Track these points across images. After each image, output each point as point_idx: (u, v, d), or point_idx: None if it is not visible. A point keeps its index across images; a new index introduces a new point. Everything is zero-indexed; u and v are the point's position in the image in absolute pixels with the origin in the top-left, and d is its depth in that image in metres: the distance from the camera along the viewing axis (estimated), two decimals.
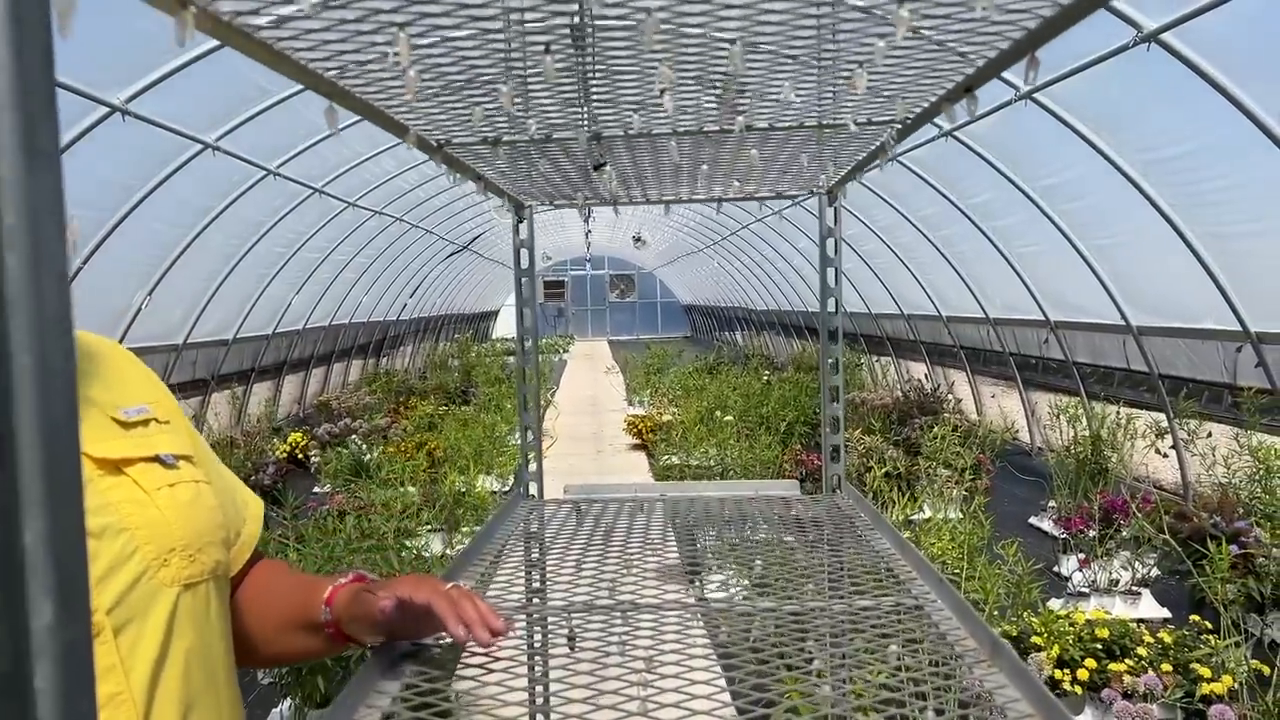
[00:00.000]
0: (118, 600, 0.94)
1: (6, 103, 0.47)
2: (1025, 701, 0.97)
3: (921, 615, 1.25)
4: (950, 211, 9.13)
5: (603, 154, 1.36)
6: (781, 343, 21.43)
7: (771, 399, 9.14)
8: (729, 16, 0.79)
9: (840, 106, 1.18)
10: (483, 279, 29.69)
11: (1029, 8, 0.76)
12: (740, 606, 1.30)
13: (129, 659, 0.94)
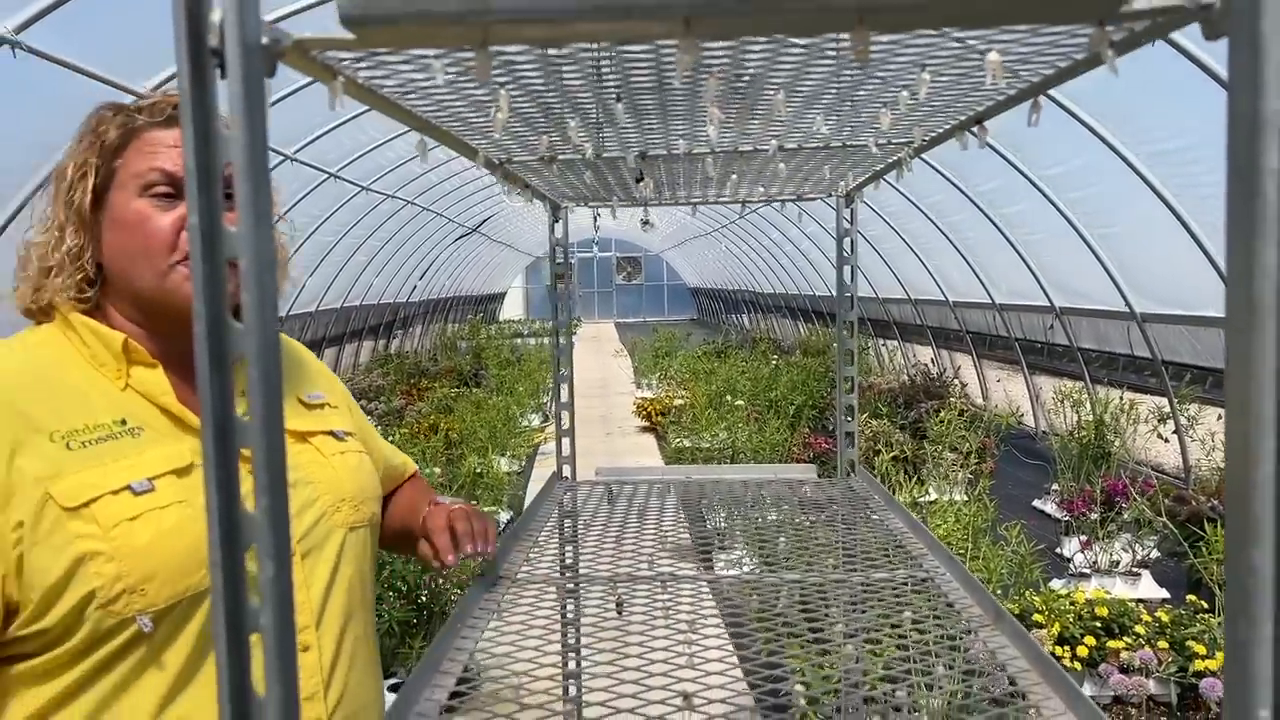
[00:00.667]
0: (304, 534, 1.23)
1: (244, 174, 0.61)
2: (1024, 659, 1.12)
3: (931, 587, 1.40)
4: (958, 199, 9.24)
5: (644, 169, 1.50)
6: (789, 326, 21.55)
7: (780, 383, 9.28)
8: (779, 68, 0.92)
9: (863, 132, 1.32)
10: (490, 261, 29.83)
11: (1036, 65, 0.90)
12: (769, 577, 1.45)
13: (309, 578, 1.22)
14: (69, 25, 4.86)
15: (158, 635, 1.10)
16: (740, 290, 26.99)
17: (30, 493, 1.07)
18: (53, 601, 1.07)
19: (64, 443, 1.10)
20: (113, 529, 1.08)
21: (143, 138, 1.19)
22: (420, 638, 4.21)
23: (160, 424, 1.18)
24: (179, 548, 1.10)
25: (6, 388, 1.13)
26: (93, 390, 1.16)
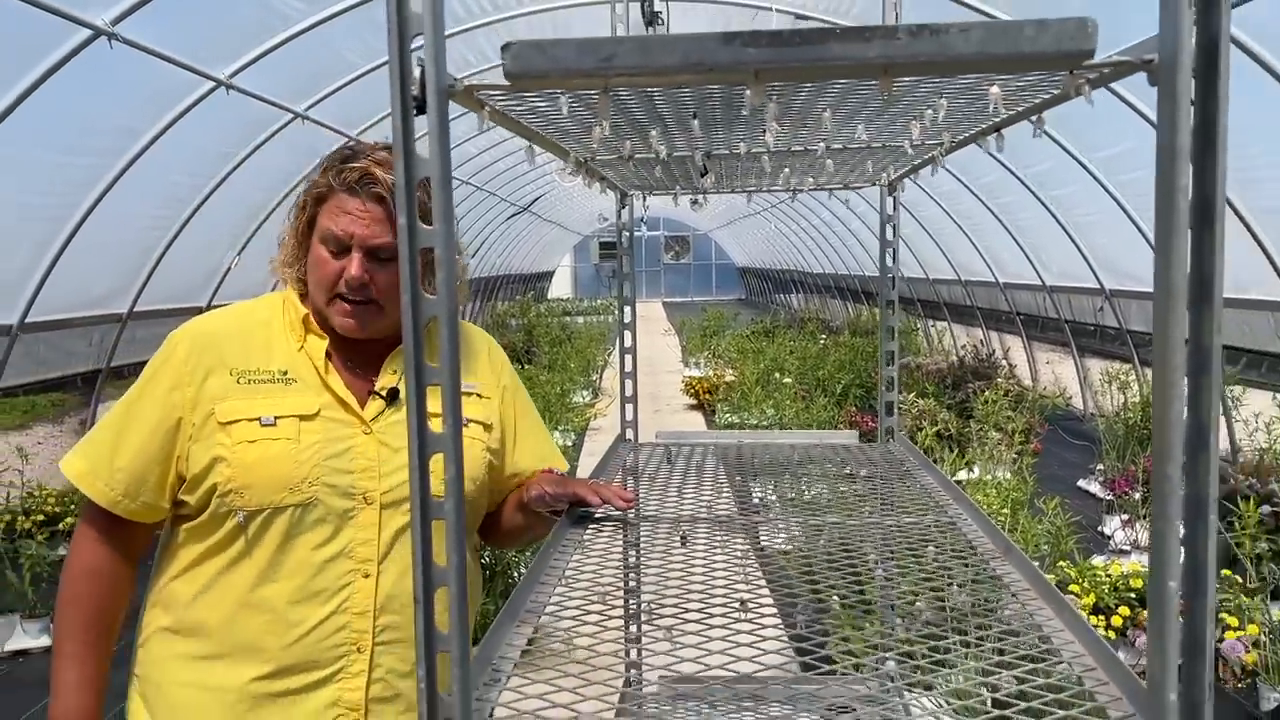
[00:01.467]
0: (389, 489, 1.54)
1: (438, 182, 0.86)
2: (1026, 581, 1.34)
3: (954, 529, 1.62)
4: (1010, 180, 9.31)
5: (709, 165, 1.73)
6: (838, 306, 21.61)
7: (828, 362, 9.46)
8: (826, 95, 1.15)
9: (898, 136, 1.54)
10: (540, 240, 30.16)
11: (1032, 93, 1.12)
12: (813, 520, 1.68)
13: (384, 525, 1.53)
14: (157, 16, 5.17)
15: (249, 532, 1.50)
16: (789, 270, 27.04)
17: (206, 406, 1.53)
18: (197, 484, 1.52)
19: (236, 378, 1.54)
20: (236, 445, 1.50)
21: (334, 199, 1.56)
22: (485, 594, 4.50)
23: (312, 380, 1.56)
24: (272, 471, 1.49)
25: (217, 333, 1.59)
26: (277, 345, 1.58)
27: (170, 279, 7.66)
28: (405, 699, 1.58)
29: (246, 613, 1.50)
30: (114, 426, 1.55)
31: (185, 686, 1.52)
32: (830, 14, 7.37)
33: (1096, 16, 0.87)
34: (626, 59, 0.87)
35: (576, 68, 0.87)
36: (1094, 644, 1.12)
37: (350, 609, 1.51)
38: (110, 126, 5.97)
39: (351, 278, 1.53)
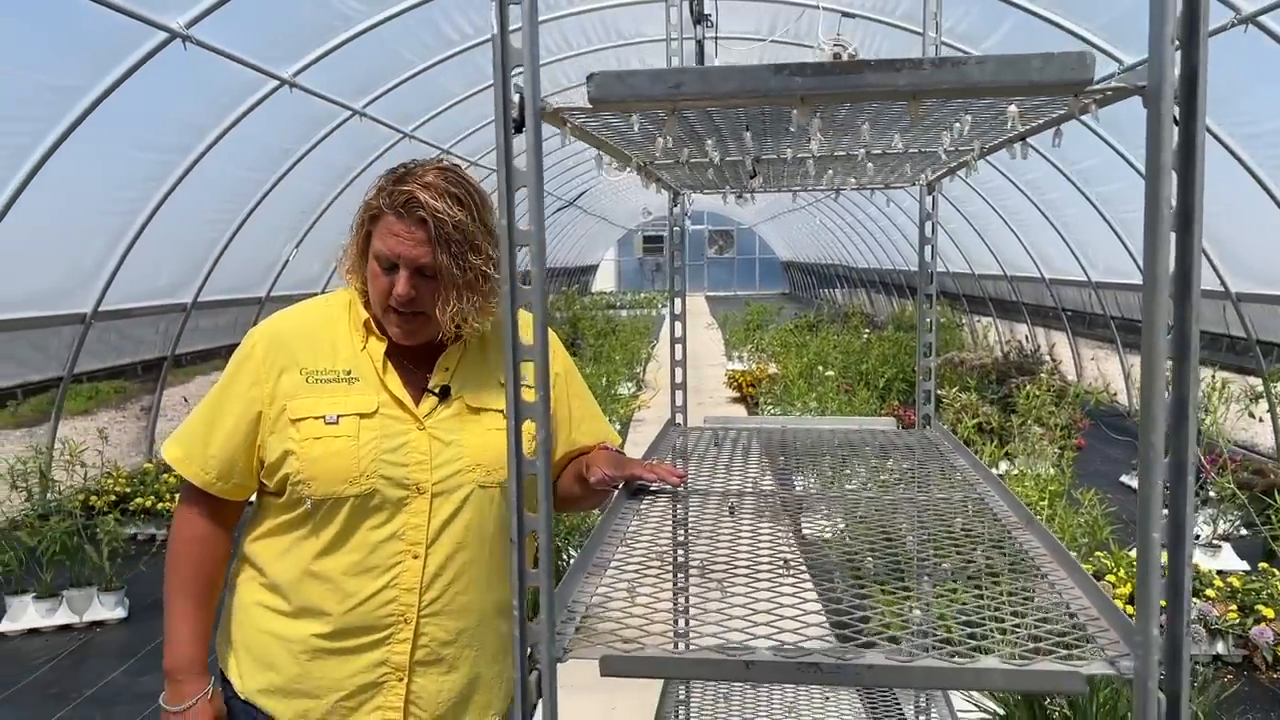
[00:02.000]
0: (440, 480, 1.72)
1: (532, 191, 1.03)
2: (1043, 548, 1.49)
3: (982, 504, 1.76)
4: (1055, 176, 9.32)
5: (758, 168, 1.89)
6: (882, 301, 21.58)
7: (871, 356, 9.54)
8: (864, 110, 1.30)
9: (933, 143, 1.68)
10: (585, 234, 30.40)
11: (1046, 111, 1.26)
12: (851, 495, 1.83)
13: (434, 513, 1.71)
14: (227, 18, 5.40)
15: (315, 517, 1.70)
16: (833, 264, 27.02)
17: (280, 402, 1.71)
18: (273, 472, 1.71)
19: (305, 377, 1.72)
20: (303, 440, 1.68)
21: (384, 220, 1.71)
22: None
23: (372, 379, 1.74)
24: (334, 465, 1.68)
25: (288, 333, 1.77)
26: (342, 346, 1.76)
27: (232, 271, 7.95)
28: (446, 663, 1.75)
29: (310, 580, 1.70)
30: (204, 418, 1.75)
31: (261, 632, 1.75)
32: (877, 12, 7.47)
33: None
34: (691, 86, 1.03)
35: (649, 94, 1.04)
36: (1100, 600, 1.26)
37: (399, 585, 1.70)
38: (179, 124, 6.24)
39: (400, 295, 1.68)
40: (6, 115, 4.91)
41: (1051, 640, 1.16)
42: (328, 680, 1.71)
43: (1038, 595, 1.30)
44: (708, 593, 1.36)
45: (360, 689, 1.72)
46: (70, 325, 6.62)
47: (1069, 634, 1.18)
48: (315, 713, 1.72)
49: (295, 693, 1.72)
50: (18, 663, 4.75)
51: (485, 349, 1.84)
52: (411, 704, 1.73)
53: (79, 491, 5.87)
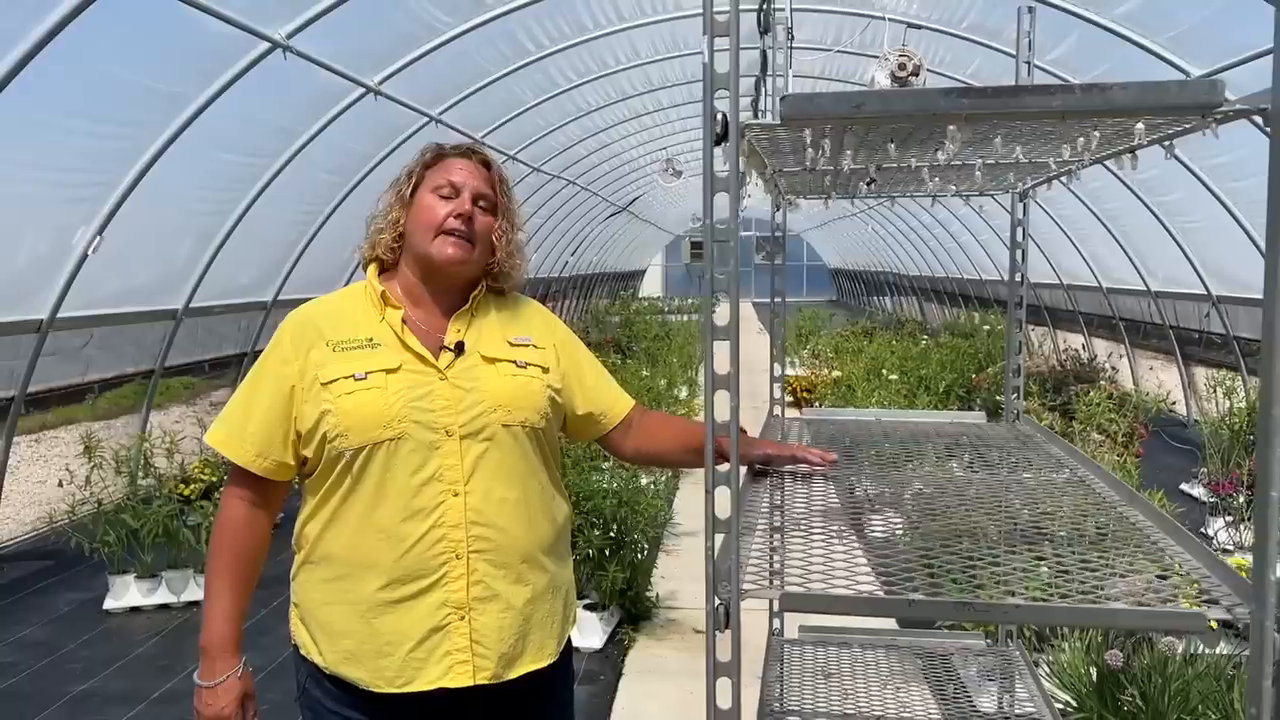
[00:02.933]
0: (466, 423, 1.89)
1: (734, 192, 1.21)
2: (1149, 520, 1.64)
3: (1083, 484, 1.92)
4: (1115, 186, 9.36)
5: (878, 175, 2.06)
6: (933, 309, 21.56)
7: (931, 361, 9.63)
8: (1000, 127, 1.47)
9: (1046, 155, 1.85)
10: (634, 239, 30.63)
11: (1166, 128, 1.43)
12: (961, 476, 2.00)
13: (465, 453, 1.88)
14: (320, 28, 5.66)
15: (355, 467, 1.83)
16: (883, 272, 26.99)
17: (311, 373, 1.87)
18: (311, 437, 1.86)
19: (332, 347, 1.90)
20: (337, 398, 1.84)
21: (443, 163, 1.96)
22: (614, 563, 4.88)
23: (393, 343, 1.91)
24: (367, 413, 1.81)
25: (312, 315, 1.95)
26: (363, 319, 1.94)
27: (309, 270, 8.24)
28: (503, 599, 1.87)
29: (362, 535, 1.83)
30: (241, 401, 1.93)
31: (325, 605, 1.89)
32: (942, 24, 7.59)
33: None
34: (871, 106, 1.21)
35: (834, 112, 1.22)
36: (1210, 560, 1.42)
37: (445, 522, 1.83)
38: (270, 129, 6.53)
39: (465, 209, 1.88)
40: (119, 119, 5.20)
41: (1166, 593, 1.32)
42: (395, 633, 1.83)
43: (1151, 558, 1.46)
44: (852, 553, 1.54)
45: (427, 634, 1.82)
46: (162, 321, 6.94)
47: (1183, 588, 1.34)
48: (390, 669, 1.83)
49: (368, 653, 1.84)
50: (124, 637, 5.03)
51: (489, 312, 2.01)
52: (476, 644, 1.85)
53: (175, 479, 6.16)
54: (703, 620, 5.16)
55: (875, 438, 2.53)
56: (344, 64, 6.16)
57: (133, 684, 4.44)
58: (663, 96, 11.30)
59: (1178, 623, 1.18)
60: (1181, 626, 1.18)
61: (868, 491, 1.87)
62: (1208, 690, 3.59)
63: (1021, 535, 1.59)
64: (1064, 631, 4.21)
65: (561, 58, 8.17)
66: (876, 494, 1.89)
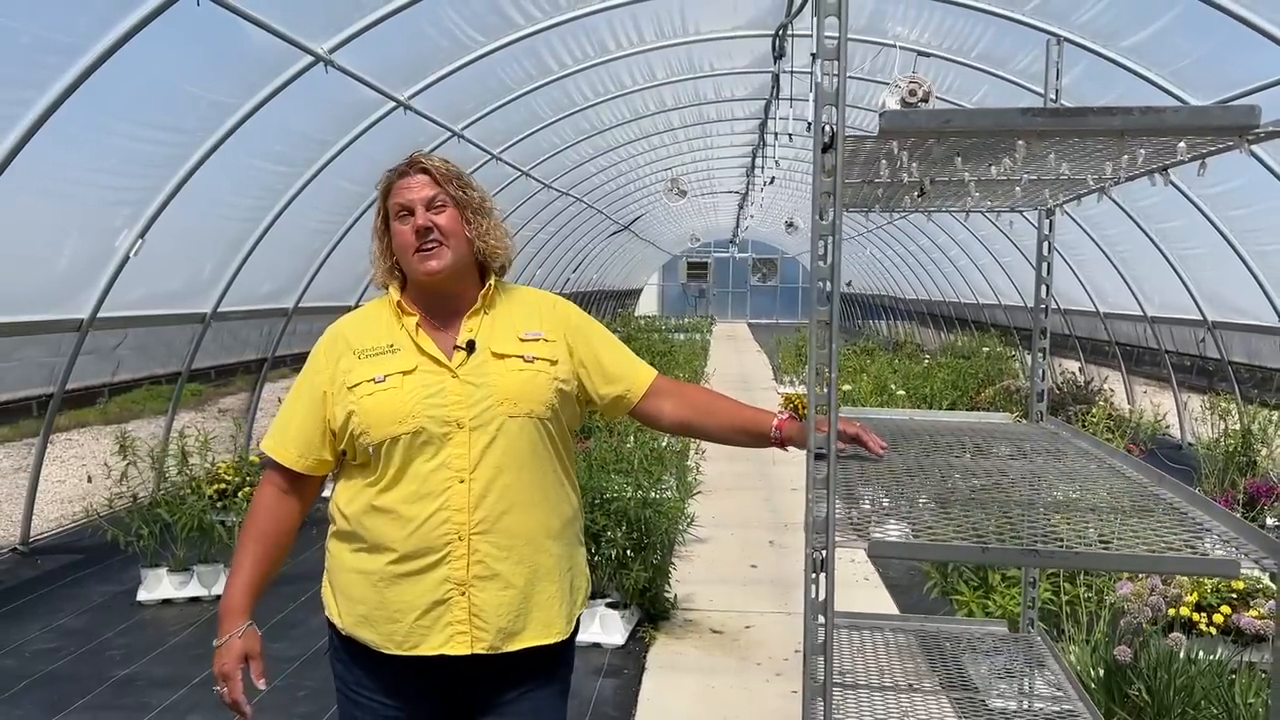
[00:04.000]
0: (474, 416, 2.07)
1: (838, 194, 1.42)
2: (1181, 499, 1.84)
3: (1114, 470, 2.12)
4: (1115, 212, 9.61)
5: (926, 189, 2.27)
6: (929, 333, 21.84)
7: (936, 380, 9.86)
8: (1055, 142, 1.67)
9: (1085, 171, 2.05)
10: (633, 258, 30.91)
11: (1200, 146, 1.63)
12: (998, 463, 2.20)
13: (473, 443, 2.07)
14: (357, 44, 5.87)
15: (376, 460, 2.04)
16: (880, 295, 27.28)
17: (340, 379, 2.09)
18: (343, 434, 2.08)
19: (357, 355, 2.12)
20: (360, 399, 2.04)
21: (395, 186, 2.13)
22: (637, 563, 5.05)
23: (409, 346, 2.12)
24: (385, 411, 2.02)
25: (342, 328, 2.17)
26: (383, 328, 2.15)
27: (329, 279, 8.43)
28: (503, 579, 2.05)
29: (376, 514, 2.05)
30: (284, 412, 2.17)
31: (347, 571, 2.13)
32: (952, 52, 7.85)
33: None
34: (958, 123, 1.41)
35: (925, 127, 1.42)
36: (1239, 526, 1.61)
37: (450, 506, 2.02)
38: (304, 139, 6.74)
39: (419, 225, 2.03)
40: (168, 125, 5.41)
41: (1205, 553, 1.52)
42: (403, 603, 2.04)
43: (1184, 525, 1.66)
44: (919, 515, 1.73)
45: (431, 606, 2.03)
46: (191, 324, 7.11)
47: (1219, 547, 1.54)
48: (399, 634, 2.05)
49: (379, 619, 2.07)
50: (159, 627, 5.19)
51: (501, 309, 2.19)
52: (475, 616, 2.04)
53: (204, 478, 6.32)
54: (719, 621, 5.37)
55: (913, 432, 2.72)
56: (377, 78, 6.37)
57: (173, 669, 4.60)
58: (674, 117, 11.55)
59: (1216, 569, 1.37)
60: (1219, 572, 1.37)
61: (923, 467, 2.07)
62: (1210, 687, 3.79)
63: (1067, 506, 1.79)
64: (1072, 632, 4.41)
65: (581, 77, 8.41)
66: (927, 473, 2.09)
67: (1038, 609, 3.00)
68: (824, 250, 1.45)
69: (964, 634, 2.97)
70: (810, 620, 1.50)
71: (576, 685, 4.46)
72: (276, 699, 4.27)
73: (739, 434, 2.29)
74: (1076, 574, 5.04)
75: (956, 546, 1.51)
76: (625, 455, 5.59)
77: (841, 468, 2.14)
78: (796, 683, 4.28)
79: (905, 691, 2.60)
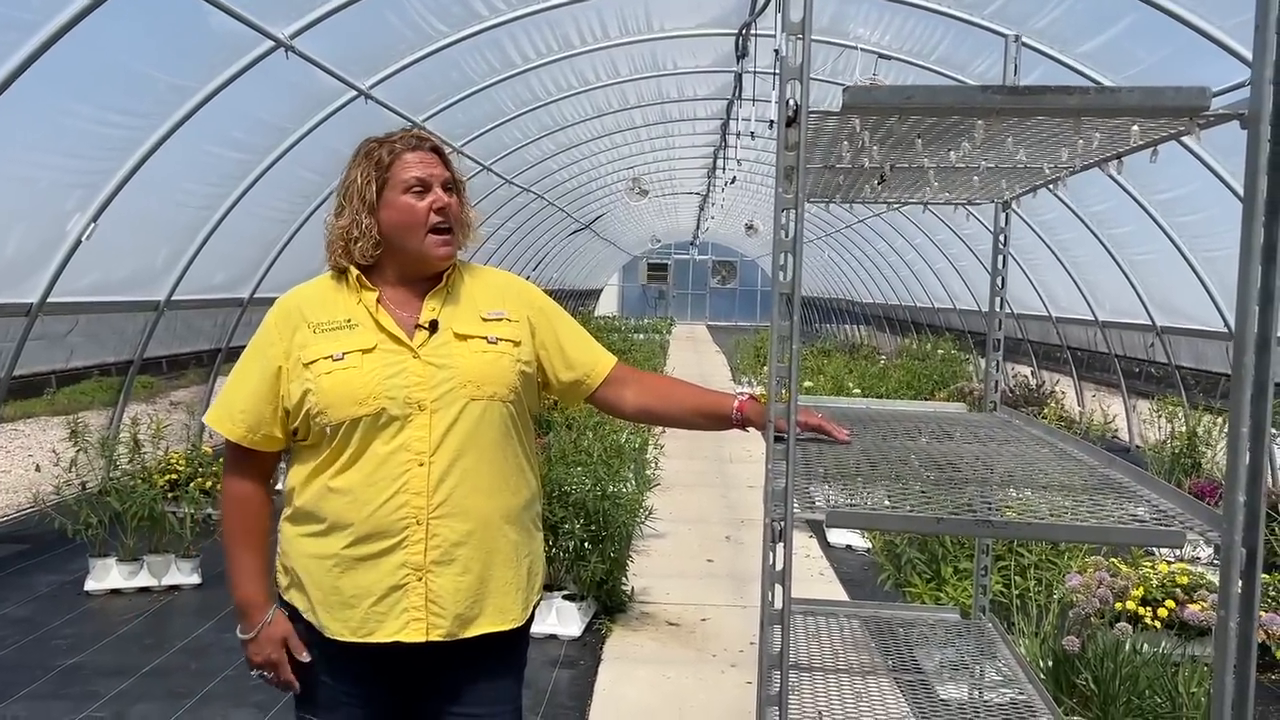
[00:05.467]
0: (438, 397, 2.04)
1: (801, 167, 1.43)
2: (1128, 477, 1.89)
3: (1066, 453, 2.17)
4: (1068, 216, 9.78)
5: (888, 175, 2.30)
6: (884, 337, 22.06)
7: (891, 380, 9.97)
8: (1010, 129, 1.71)
9: (1042, 160, 2.09)
10: (594, 258, 30.88)
11: (1155, 131, 1.68)
12: (955, 447, 2.23)
13: (435, 424, 2.03)
14: (319, 31, 5.82)
15: (335, 441, 1.99)
16: (837, 299, 27.51)
17: (295, 354, 2.02)
18: (298, 412, 2.01)
19: (313, 329, 2.05)
20: (317, 377, 1.98)
21: (400, 161, 2.03)
22: (595, 556, 5.06)
23: (368, 323, 2.06)
24: (344, 392, 1.97)
25: (296, 301, 2.10)
26: (340, 302, 2.08)
27: (285, 270, 8.32)
28: (461, 563, 2.01)
29: (332, 496, 2.00)
30: (233, 383, 2.09)
31: (302, 556, 2.08)
32: (911, 55, 7.95)
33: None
34: (919, 99, 1.44)
35: (888, 103, 1.45)
36: (1186, 502, 1.66)
37: (409, 489, 1.98)
38: (263, 126, 6.66)
39: (442, 202, 2.01)
40: (125, 108, 5.32)
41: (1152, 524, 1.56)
42: (359, 588, 2.00)
43: (1133, 500, 1.70)
44: (876, 492, 1.76)
45: (387, 591, 1.98)
46: (144, 312, 7.00)
47: (1165, 521, 1.58)
48: (354, 619, 2.01)
49: (334, 604, 2.02)
50: (107, 617, 5.10)
51: (463, 288, 2.14)
52: (432, 602, 2.00)
53: (155, 469, 6.23)
54: (676, 614, 5.39)
55: (871, 420, 2.76)
56: (339, 66, 6.32)
57: (121, 659, 4.52)
58: (636, 115, 11.57)
59: (1163, 540, 1.41)
60: (1165, 542, 1.41)
61: (881, 450, 2.10)
62: (1155, 677, 3.87)
63: (1020, 484, 1.82)
64: (1021, 624, 4.48)
65: (545, 71, 8.40)
66: (885, 455, 2.12)
67: (989, 598, 3.05)
68: (785, 222, 1.46)
69: (917, 620, 3.02)
70: (767, 589, 1.51)
71: (533, 676, 4.50)
72: (230, 688, 4.22)
73: (700, 417, 2.29)
74: (1027, 567, 5.14)
75: (913, 517, 1.53)
76: (584, 448, 5.59)
77: (801, 449, 2.16)
78: (752, 673, 4.31)
79: (859, 675, 2.63)
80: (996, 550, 4.82)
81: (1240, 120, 1.42)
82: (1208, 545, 5.89)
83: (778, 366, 1.53)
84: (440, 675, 2.12)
